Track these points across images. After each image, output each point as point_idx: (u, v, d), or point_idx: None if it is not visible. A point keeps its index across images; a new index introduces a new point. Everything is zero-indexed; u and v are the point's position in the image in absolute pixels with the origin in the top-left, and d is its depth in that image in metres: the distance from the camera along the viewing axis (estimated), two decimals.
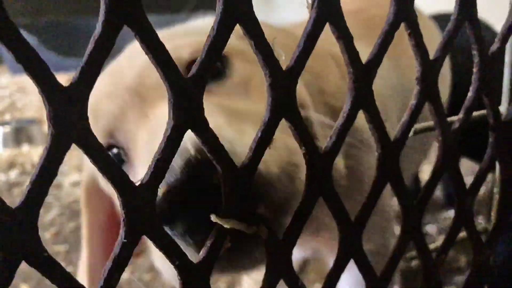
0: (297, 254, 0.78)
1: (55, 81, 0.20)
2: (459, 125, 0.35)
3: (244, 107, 0.39)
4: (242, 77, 0.43)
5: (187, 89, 0.23)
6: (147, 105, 0.39)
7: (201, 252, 0.26)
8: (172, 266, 0.25)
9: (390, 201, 0.59)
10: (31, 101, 2.24)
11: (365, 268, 0.33)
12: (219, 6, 0.23)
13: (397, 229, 1.25)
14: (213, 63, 0.24)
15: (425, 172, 1.43)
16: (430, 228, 1.20)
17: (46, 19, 2.94)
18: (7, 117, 2.08)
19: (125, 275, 1.03)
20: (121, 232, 0.24)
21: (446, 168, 0.35)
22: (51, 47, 2.52)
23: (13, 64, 2.63)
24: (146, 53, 0.22)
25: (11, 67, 2.70)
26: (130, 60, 0.43)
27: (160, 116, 0.37)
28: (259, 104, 0.41)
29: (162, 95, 0.26)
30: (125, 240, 0.24)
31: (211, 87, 0.41)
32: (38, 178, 0.20)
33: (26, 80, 2.44)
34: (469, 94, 0.34)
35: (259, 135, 0.26)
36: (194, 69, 0.23)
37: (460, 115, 0.35)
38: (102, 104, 0.41)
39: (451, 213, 1.23)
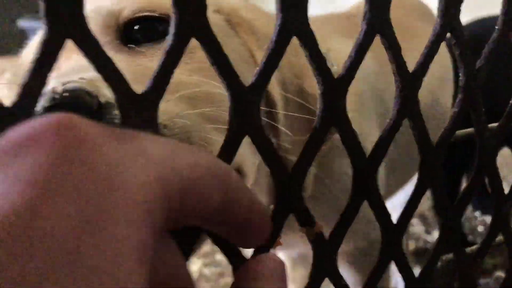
0: (285, 255, 0.79)
1: (130, 89, 0.22)
2: (498, 132, 0.35)
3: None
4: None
5: (246, 96, 0.25)
6: None
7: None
8: None
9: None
10: None
11: (405, 270, 0.34)
12: (277, 20, 0.24)
13: (420, 229, 1.24)
14: (271, 73, 0.25)
15: None
16: None
17: None
18: None
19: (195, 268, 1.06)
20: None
21: (484, 174, 0.36)
22: None
23: None
24: (212, 64, 0.23)
25: None
26: None
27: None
28: (192, 76, 0.37)
29: None
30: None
31: (147, 48, 0.38)
32: None
33: None
34: (511, 101, 0.35)
35: (308, 140, 0.27)
36: (253, 78, 0.25)
37: (501, 122, 0.35)
38: None
39: (476, 213, 1.23)
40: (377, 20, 0.27)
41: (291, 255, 0.79)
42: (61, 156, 0.13)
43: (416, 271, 0.36)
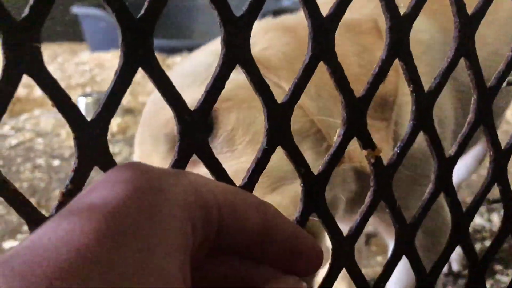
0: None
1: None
2: None
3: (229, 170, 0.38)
4: (227, 133, 0.43)
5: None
6: None
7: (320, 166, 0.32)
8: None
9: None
10: (108, 76, 2.40)
11: (471, 254, 0.37)
12: None
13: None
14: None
15: None
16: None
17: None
18: (88, 89, 2.24)
19: None
20: (264, 140, 0.30)
21: None
22: None
23: (92, 42, 2.80)
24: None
25: (91, 45, 2.87)
26: None
27: None
28: (243, 160, 0.42)
29: None
30: (266, 147, 0.30)
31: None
32: None
33: (103, 56, 2.61)
34: None
35: (376, 71, 0.31)
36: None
37: None
38: None
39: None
40: None
41: None
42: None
43: None
